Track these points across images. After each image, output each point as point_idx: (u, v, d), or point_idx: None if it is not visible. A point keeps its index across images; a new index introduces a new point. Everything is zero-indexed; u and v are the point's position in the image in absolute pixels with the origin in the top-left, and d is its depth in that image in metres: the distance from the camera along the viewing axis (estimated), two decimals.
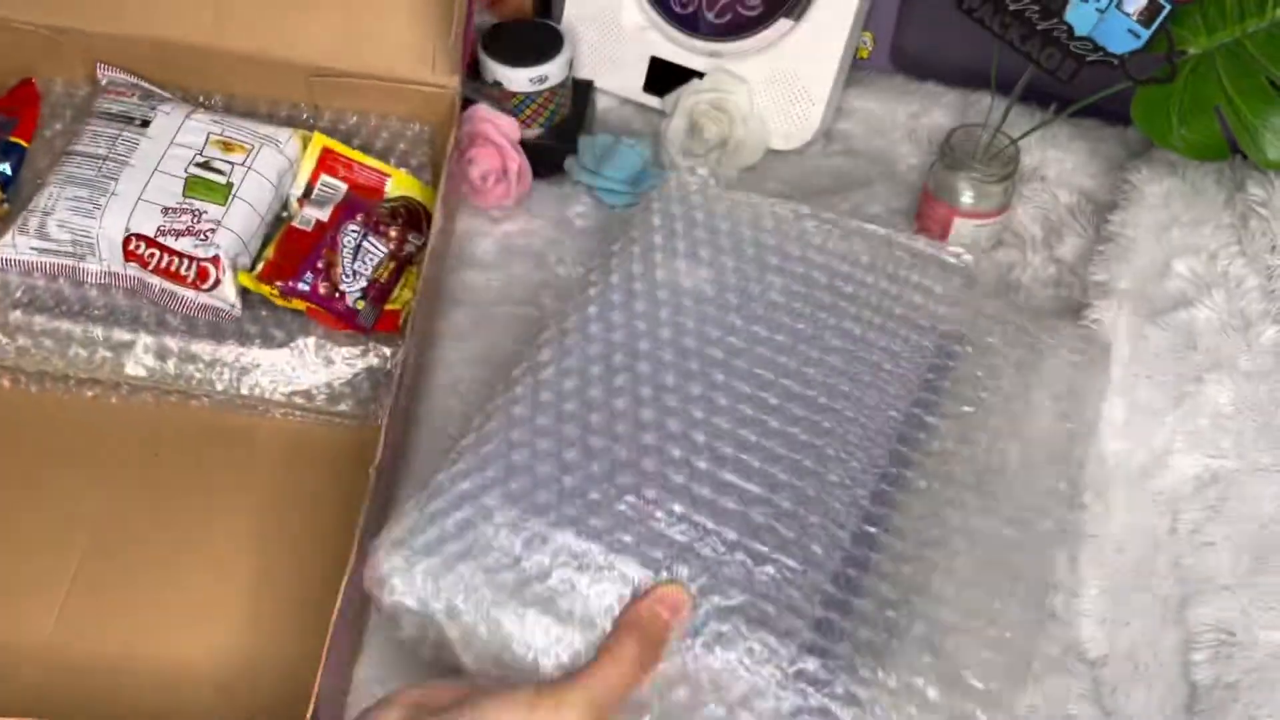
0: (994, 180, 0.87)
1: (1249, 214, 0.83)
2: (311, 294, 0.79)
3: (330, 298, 0.79)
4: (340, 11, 0.87)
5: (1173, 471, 0.75)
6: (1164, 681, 0.68)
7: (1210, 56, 0.80)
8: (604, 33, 1.01)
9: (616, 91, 1.03)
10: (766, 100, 0.98)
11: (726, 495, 0.63)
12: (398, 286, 0.82)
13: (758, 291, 0.73)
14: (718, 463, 0.64)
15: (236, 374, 0.79)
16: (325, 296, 0.79)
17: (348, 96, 0.90)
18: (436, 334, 0.85)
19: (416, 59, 0.87)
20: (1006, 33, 0.81)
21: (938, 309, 0.74)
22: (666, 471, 0.63)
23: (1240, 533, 0.72)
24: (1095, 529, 0.73)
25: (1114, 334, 0.79)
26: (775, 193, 0.96)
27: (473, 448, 0.64)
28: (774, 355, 0.69)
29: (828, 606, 0.59)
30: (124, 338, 0.79)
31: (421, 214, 0.86)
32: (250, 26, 0.87)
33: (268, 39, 0.87)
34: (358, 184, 0.85)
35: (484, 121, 0.91)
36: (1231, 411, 0.76)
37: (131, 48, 0.88)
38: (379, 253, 0.80)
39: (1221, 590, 0.70)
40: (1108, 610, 0.71)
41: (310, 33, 0.87)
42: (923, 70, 1.04)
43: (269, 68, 0.88)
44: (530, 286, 0.89)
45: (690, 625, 0.57)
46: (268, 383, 0.79)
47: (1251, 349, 0.78)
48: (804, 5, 0.94)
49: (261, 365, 0.79)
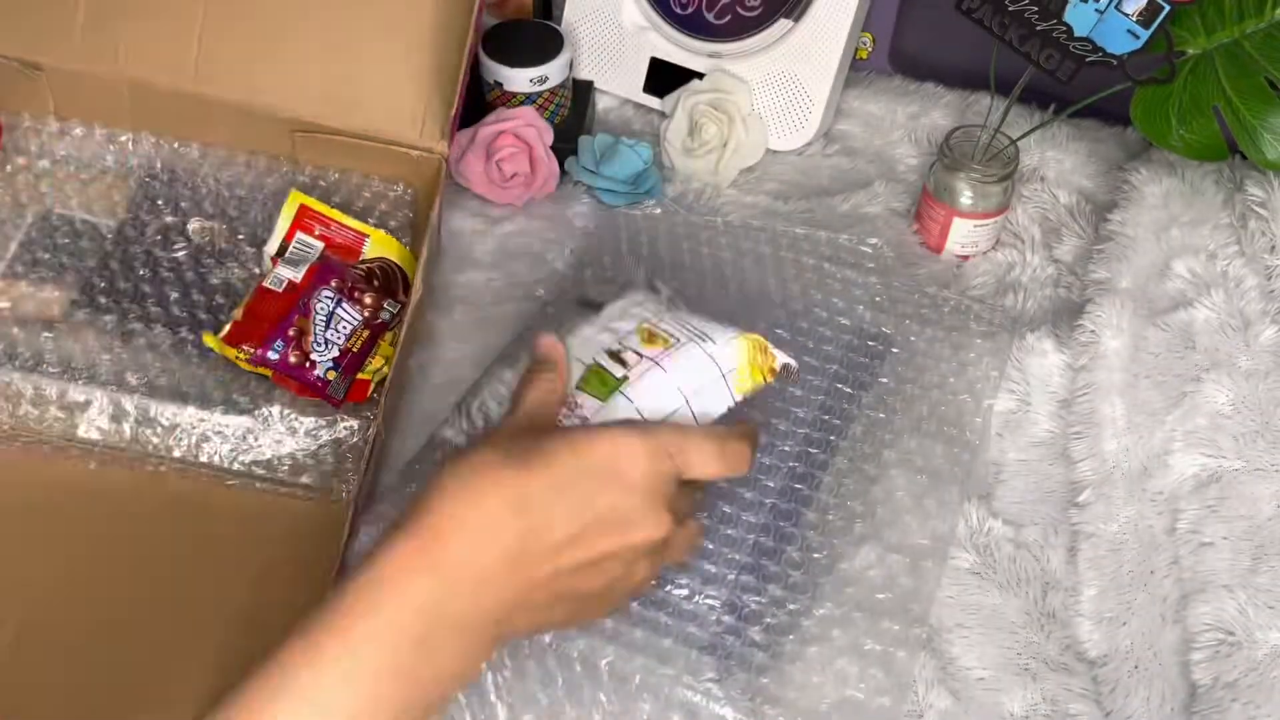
0: (993, 180, 0.87)
1: (1248, 214, 0.84)
2: (281, 363, 0.75)
3: (301, 367, 0.75)
4: (328, 66, 0.83)
5: (1172, 471, 0.75)
6: (1163, 681, 0.68)
7: (1209, 57, 0.80)
8: (604, 33, 1.01)
9: (616, 91, 1.03)
10: (766, 100, 0.98)
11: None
12: (370, 355, 0.78)
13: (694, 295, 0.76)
14: None
15: (196, 440, 0.75)
16: (296, 365, 0.75)
17: (330, 153, 0.86)
18: (437, 334, 0.85)
19: (405, 121, 0.83)
20: (1006, 33, 0.81)
21: (854, 293, 0.82)
22: None
23: (1239, 532, 0.72)
24: (1095, 529, 0.73)
25: (1113, 334, 0.79)
26: (775, 193, 0.96)
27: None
28: None
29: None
30: (78, 398, 0.75)
31: (398, 277, 0.82)
32: (233, 74, 0.83)
33: (250, 89, 0.83)
34: (334, 243, 0.81)
35: (528, 126, 0.91)
36: (1230, 411, 0.76)
37: (107, 88, 0.84)
38: (353, 321, 0.76)
39: (1221, 590, 0.70)
40: (1107, 610, 0.71)
41: (296, 85, 0.83)
42: (922, 71, 1.04)
43: (250, 118, 0.84)
44: (530, 286, 0.89)
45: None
46: (228, 450, 0.75)
47: (1250, 349, 0.78)
48: (804, 5, 0.94)
49: (223, 432, 0.75)
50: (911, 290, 0.84)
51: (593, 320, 0.67)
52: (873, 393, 0.77)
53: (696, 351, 0.63)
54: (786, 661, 0.63)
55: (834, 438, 0.74)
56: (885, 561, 0.68)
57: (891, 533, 0.70)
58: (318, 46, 0.83)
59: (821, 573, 0.67)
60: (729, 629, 0.64)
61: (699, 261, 0.85)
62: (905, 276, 0.87)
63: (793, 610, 0.65)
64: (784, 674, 0.62)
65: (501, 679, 0.64)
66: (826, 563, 0.68)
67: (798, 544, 0.68)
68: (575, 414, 0.62)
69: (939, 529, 0.70)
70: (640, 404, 0.61)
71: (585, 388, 0.63)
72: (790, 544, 0.68)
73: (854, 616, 0.65)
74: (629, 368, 0.62)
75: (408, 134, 0.83)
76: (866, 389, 0.77)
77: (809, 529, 0.69)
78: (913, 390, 0.77)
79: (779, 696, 0.61)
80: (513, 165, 0.90)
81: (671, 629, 0.63)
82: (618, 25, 1.00)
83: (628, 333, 0.65)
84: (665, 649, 0.62)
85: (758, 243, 0.86)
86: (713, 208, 0.94)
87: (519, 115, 0.91)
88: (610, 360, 0.63)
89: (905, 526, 0.70)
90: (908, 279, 0.87)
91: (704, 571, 0.65)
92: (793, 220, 0.92)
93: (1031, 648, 0.69)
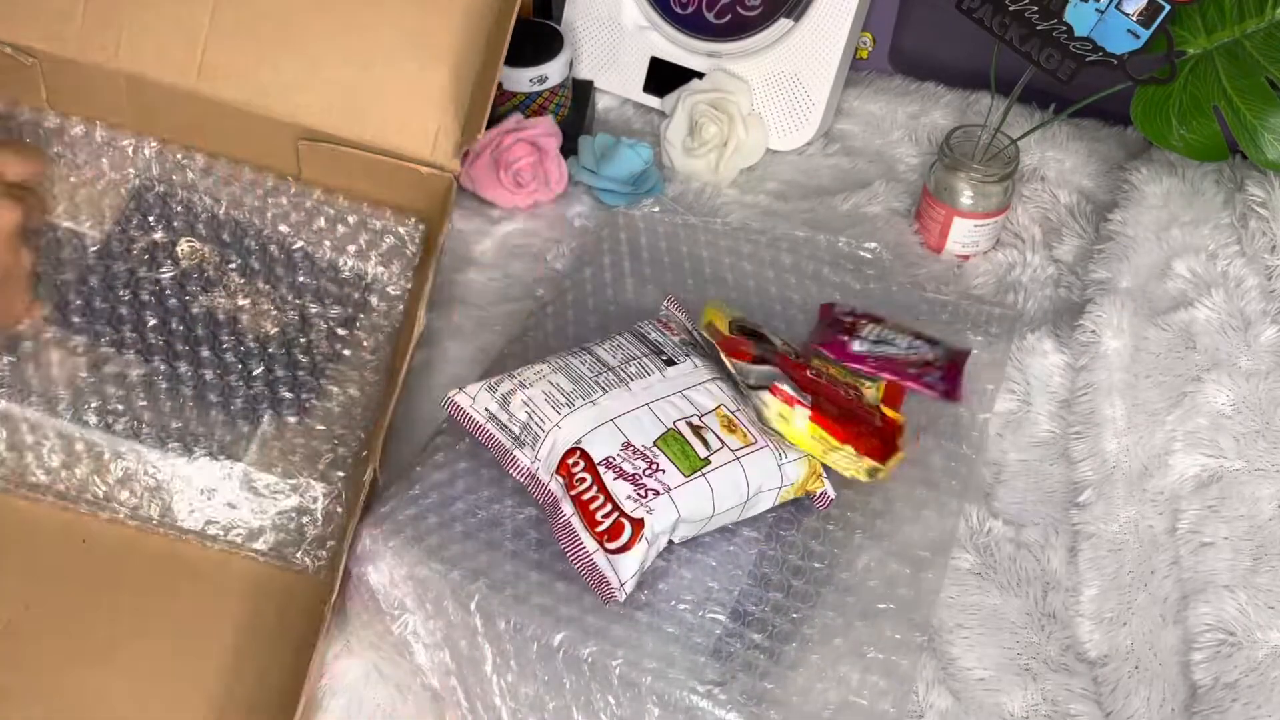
0: (994, 180, 0.87)
1: (1248, 214, 0.84)
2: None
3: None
4: (341, 72, 0.78)
5: (1172, 471, 0.75)
6: (1164, 681, 0.68)
7: (1209, 57, 0.80)
8: (604, 33, 1.01)
9: (616, 91, 1.03)
10: (766, 100, 0.98)
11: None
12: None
13: (694, 299, 0.80)
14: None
15: (146, 490, 0.71)
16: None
17: (336, 169, 0.80)
18: (436, 334, 0.85)
19: (417, 136, 0.78)
20: (1006, 33, 0.81)
21: (853, 301, 0.83)
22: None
23: (1240, 532, 0.72)
24: (1095, 529, 0.74)
25: (1114, 334, 0.79)
26: (775, 193, 0.96)
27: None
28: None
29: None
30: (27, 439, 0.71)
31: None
32: (239, 75, 0.78)
33: (256, 91, 0.78)
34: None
35: (548, 136, 0.91)
36: (1231, 411, 0.76)
37: (105, 80, 0.78)
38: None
39: (1221, 590, 0.70)
40: (1107, 610, 0.71)
41: (303, 90, 0.78)
42: (922, 71, 1.04)
43: (254, 122, 0.79)
44: (530, 286, 0.89)
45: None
46: (182, 505, 0.71)
47: (1251, 349, 0.78)
48: (804, 5, 0.94)
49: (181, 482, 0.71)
50: (911, 295, 0.84)
51: (667, 375, 0.70)
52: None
53: (770, 460, 0.67)
54: (789, 667, 0.63)
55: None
56: (885, 570, 0.68)
57: (891, 542, 0.70)
58: (331, 51, 0.79)
59: (822, 581, 0.67)
60: (732, 634, 0.64)
61: (699, 262, 0.86)
62: (905, 277, 0.87)
63: (795, 618, 0.65)
64: (787, 679, 0.62)
65: (505, 683, 0.64)
66: (827, 571, 0.68)
67: (799, 552, 0.68)
68: (655, 477, 0.64)
69: (938, 539, 0.70)
70: (716, 490, 0.65)
71: (665, 450, 0.66)
72: (792, 551, 0.68)
73: (856, 624, 0.65)
74: (711, 451, 0.66)
75: (420, 149, 0.79)
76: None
77: (810, 537, 0.69)
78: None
79: (782, 701, 0.61)
80: (530, 173, 0.91)
81: (676, 635, 0.63)
82: (618, 25, 1.00)
83: (707, 412, 0.68)
84: (670, 654, 0.62)
85: (757, 245, 0.87)
86: (713, 208, 0.94)
87: (539, 125, 0.91)
88: (692, 434, 0.67)
89: (905, 536, 0.70)
90: (908, 280, 0.87)
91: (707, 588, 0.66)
92: (793, 220, 0.92)
93: (1032, 648, 0.69)
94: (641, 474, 0.64)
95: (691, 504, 0.64)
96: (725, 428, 0.67)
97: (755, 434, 0.67)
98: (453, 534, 0.67)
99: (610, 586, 0.63)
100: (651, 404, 0.68)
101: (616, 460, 0.65)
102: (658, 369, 0.70)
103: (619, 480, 0.64)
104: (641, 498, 0.63)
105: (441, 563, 0.65)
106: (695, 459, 0.65)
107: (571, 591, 0.65)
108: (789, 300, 0.83)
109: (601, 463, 0.65)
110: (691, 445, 0.66)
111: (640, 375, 0.69)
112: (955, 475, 0.74)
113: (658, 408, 0.67)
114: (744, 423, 0.68)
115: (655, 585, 0.66)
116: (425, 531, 0.67)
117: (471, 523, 0.68)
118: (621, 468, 0.64)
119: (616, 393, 0.68)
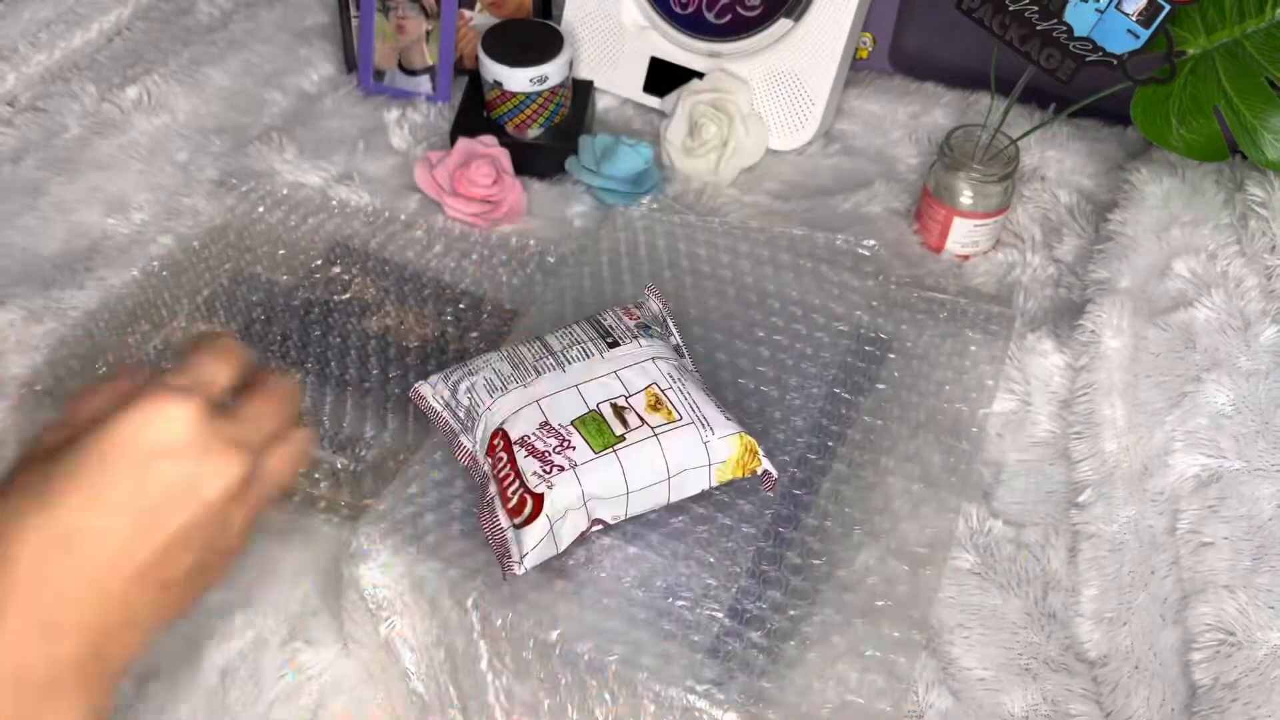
0: (993, 180, 0.87)
1: (1248, 214, 0.84)
2: None
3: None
4: None
5: (1172, 471, 0.75)
6: (1164, 681, 0.68)
7: (1209, 57, 0.80)
8: (604, 33, 1.01)
9: (616, 91, 1.03)
10: (766, 100, 0.98)
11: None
12: None
13: (693, 297, 0.82)
14: None
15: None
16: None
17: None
18: None
19: None
20: (1006, 33, 0.81)
21: (851, 297, 0.83)
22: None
23: (1239, 532, 0.72)
24: (1095, 529, 0.73)
25: (1114, 334, 0.79)
26: (775, 192, 0.96)
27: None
28: (709, 351, 0.79)
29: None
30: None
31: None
32: None
33: None
34: None
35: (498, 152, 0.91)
36: (1231, 411, 0.76)
37: None
38: None
39: (1221, 590, 0.70)
40: (1107, 610, 0.71)
41: None
42: (922, 71, 1.04)
43: None
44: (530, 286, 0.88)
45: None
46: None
47: (1251, 349, 0.78)
48: (804, 5, 0.94)
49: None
50: (910, 294, 0.84)
51: (606, 356, 0.69)
52: (871, 397, 0.77)
53: (694, 437, 0.66)
54: (787, 666, 0.63)
55: (832, 443, 0.74)
56: (884, 568, 0.68)
57: (890, 539, 0.70)
58: None
59: (821, 579, 0.67)
60: (730, 632, 0.64)
61: (698, 261, 0.86)
62: (905, 277, 0.87)
63: (793, 616, 0.65)
64: (784, 678, 0.62)
65: (501, 683, 0.64)
66: (826, 569, 0.68)
67: (797, 549, 0.68)
68: (564, 454, 0.64)
69: (936, 536, 0.70)
70: (628, 468, 0.64)
71: (582, 430, 0.65)
72: (790, 549, 0.68)
73: (854, 622, 0.65)
74: (629, 429, 0.66)
75: None
76: (864, 394, 0.77)
77: (809, 534, 0.69)
78: (909, 396, 0.77)
79: (780, 700, 0.61)
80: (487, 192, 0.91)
81: (674, 633, 0.63)
82: (618, 25, 1.00)
83: (636, 391, 0.68)
84: (668, 652, 0.62)
85: (756, 244, 0.86)
86: (713, 207, 0.94)
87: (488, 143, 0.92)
88: (613, 414, 0.66)
89: (903, 534, 0.70)
90: (907, 279, 0.87)
91: (705, 584, 0.66)
92: (793, 220, 0.92)
93: (1032, 648, 0.69)
94: (551, 451, 0.65)
95: (599, 480, 0.64)
96: (650, 406, 0.67)
97: (683, 411, 0.67)
98: (450, 533, 0.67)
99: (510, 559, 0.64)
100: (581, 385, 0.68)
101: (531, 439, 0.65)
102: (598, 351, 0.70)
103: (529, 458, 0.65)
104: (546, 473, 0.64)
105: (439, 561, 0.65)
106: (610, 436, 0.65)
107: (568, 588, 0.65)
108: (787, 297, 0.83)
109: (517, 441, 0.65)
110: (608, 424, 0.66)
111: (580, 359, 0.70)
112: (954, 472, 0.74)
113: (586, 389, 0.68)
114: (673, 400, 0.68)
115: (653, 582, 0.66)
116: (423, 530, 0.67)
117: (469, 522, 0.68)
118: (534, 445, 0.65)
119: (550, 376, 0.69)
